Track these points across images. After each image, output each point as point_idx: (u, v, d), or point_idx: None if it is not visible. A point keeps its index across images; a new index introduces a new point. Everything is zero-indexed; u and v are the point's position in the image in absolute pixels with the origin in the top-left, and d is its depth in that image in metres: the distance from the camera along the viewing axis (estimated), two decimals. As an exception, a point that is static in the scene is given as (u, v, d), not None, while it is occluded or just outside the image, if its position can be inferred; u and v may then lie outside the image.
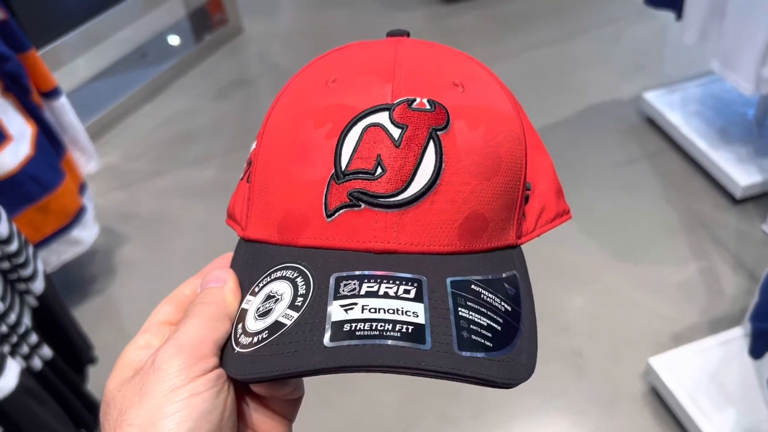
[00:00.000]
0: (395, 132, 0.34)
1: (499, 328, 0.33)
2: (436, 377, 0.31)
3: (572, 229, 1.70)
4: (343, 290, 0.32)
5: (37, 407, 0.91)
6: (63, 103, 1.47)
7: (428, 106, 0.35)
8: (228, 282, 0.36)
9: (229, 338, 0.34)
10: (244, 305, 0.35)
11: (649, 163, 1.87)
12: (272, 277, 0.35)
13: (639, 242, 1.66)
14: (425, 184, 0.34)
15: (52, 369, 1.02)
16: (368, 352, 0.30)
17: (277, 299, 0.33)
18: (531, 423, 1.33)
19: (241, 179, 0.41)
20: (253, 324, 0.33)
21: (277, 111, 0.40)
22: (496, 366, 0.31)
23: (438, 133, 0.34)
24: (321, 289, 0.33)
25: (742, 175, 1.68)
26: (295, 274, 0.34)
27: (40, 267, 1.09)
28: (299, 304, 0.33)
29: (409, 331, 0.31)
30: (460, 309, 0.32)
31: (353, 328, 0.31)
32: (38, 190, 1.38)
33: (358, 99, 0.36)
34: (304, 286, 0.33)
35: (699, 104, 1.92)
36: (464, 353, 0.31)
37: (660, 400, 1.32)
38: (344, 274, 0.33)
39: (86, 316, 1.55)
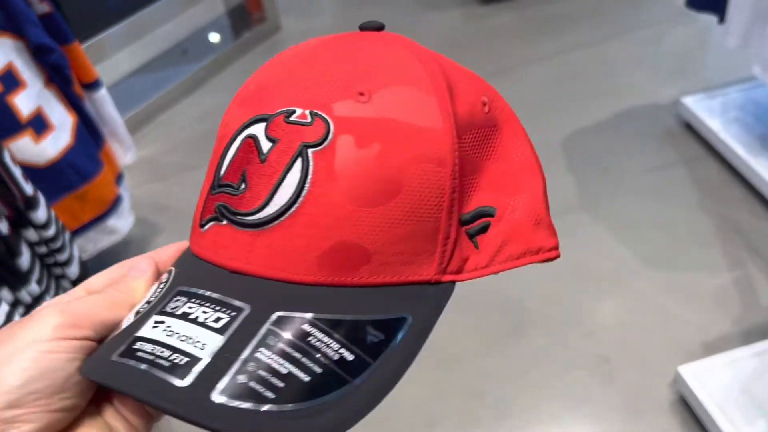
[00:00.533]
0: (265, 146, 0.32)
1: (305, 378, 0.28)
2: (182, 419, 0.27)
3: (603, 233, 1.67)
4: (170, 306, 0.32)
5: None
6: (103, 95, 1.51)
7: (308, 119, 0.32)
8: (145, 274, 0.36)
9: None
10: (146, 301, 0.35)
11: (685, 169, 1.84)
12: (154, 294, 0.35)
13: (672, 249, 1.63)
14: (282, 206, 0.31)
15: (83, 352, 1.05)
16: (127, 377, 0.29)
17: (149, 301, 0.34)
18: (555, 429, 1.32)
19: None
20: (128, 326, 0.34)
21: (225, 119, 0.39)
22: (270, 421, 0.27)
23: (309, 150, 0.31)
24: (161, 301, 0.33)
25: (781, 184, 1.64)
26: (164, 279, 0.35)
27: (76, 253, 1.12)
28: (141, 310, 0.33)
29: (180, 363, 0.28)
30: (260, 349, 0.28)
31: (137, 347, 0.30)
32: (77, 179, 1.42)
33: (258, 106, 0.34)
34: (155, 295, 0.34)
35: (739, 110, 1.88)
36: (225, 400, 0.27)
37: (688, 410, 1.30)
38: (184, 289, 0.32)
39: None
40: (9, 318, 0.85)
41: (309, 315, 0.30)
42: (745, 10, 1.55)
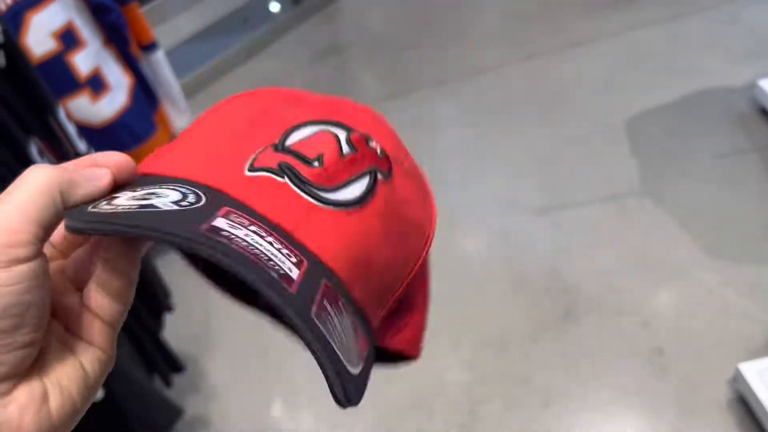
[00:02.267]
0: (345, 148, 0.35)
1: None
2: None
3: (666, 220, 1.60)
4: (231, 219, 0.30)
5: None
6: (160, 57, 1.51)
7: (379, 153, 0.36)
8: (103, 180, 0.31)
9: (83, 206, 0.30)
10: (115, 194, 0.31)
11: (757, 156, 1.73)
12: (161, 186, 0.32)
13: (737, 239, 1.54)
14: (344, 201, 0.33)
15: (129, 312, 1.06)
16: (242, 258, 0.27)
17: (159, 195, 0.30)
18: (601, 417, 1.28)
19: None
20: (123, 202, 0.30)
21: (236, 104, 0.39)
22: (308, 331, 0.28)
23: (378, 174, 0.35)
24: (211, 205, 0.30)
25: None
26: (188, 190, 0.31)
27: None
28: (184, 205, 0.29)
29: (280, 274, 0.28)
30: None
31: (228, 236, 0.28)
32: (131, 140, 1.43)
33: (320, 113, 0.37)
34: (193, 197, 0.30)
35: (821, 96, 1.76)
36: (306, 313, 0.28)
37: (747, 410, 1.23)
38: (235, 210, 0.30)
39: (168, 267, 1.61)
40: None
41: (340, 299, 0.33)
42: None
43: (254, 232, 0.29)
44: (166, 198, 0.30)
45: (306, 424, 1.35)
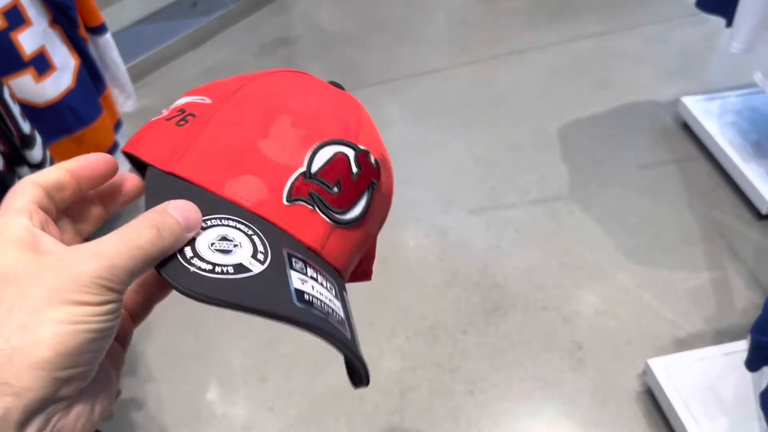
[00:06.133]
0: (354, 169, 0.41)
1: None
2: (355, 362, 0.37)
3: (591, 223, 1.70)
4: (295, 265, 0.36)
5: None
6: (108, 39, 1.51)
7: (374, 164, 0.43)
8: (193, 229, 0.34)
9: (171, 256, 0.33)
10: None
11: (677, 168, 1.86)
12: (224, 222, 0.36)
13: (656, 245, 1.66)
14: (354, 217, 0.41)
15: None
16: (324, 324, 0.35)
17: (236, 245, 0.35)
18: (522, 407, 1.36)
19: (164, 119, 0.42)
20: (210, 255, 0.33)
21: (251, 89, 0.44)
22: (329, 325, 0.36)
23: (374, 186, 0.42)
24: (277, 256, 0.36)
25: (770, 192, 1.67)
26: (251, 232, 0.36)
27: (69, 194, 1.13)
28: (261, 258, 0.35)
29: (339, 320, 0.37)
30: (351, 318, 0.40)
31: (311, 300, 0.35)
32: (76, 122, 1.43)
33: (330, 128, 0.42)
34: (261, 246, 0.36)
35: (737, 115, 1.90)
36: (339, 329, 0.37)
37: (653, 402, 1.34)
38: (293, 252, 0.37)
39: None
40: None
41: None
42: (753, 16, 1.56)
43: (312, 278, 0.37)
44: (243, 251, 0.35)
45: (240, 408, 1.38)
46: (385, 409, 1.36)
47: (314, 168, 0.40)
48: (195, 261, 0.33)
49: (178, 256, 0.33)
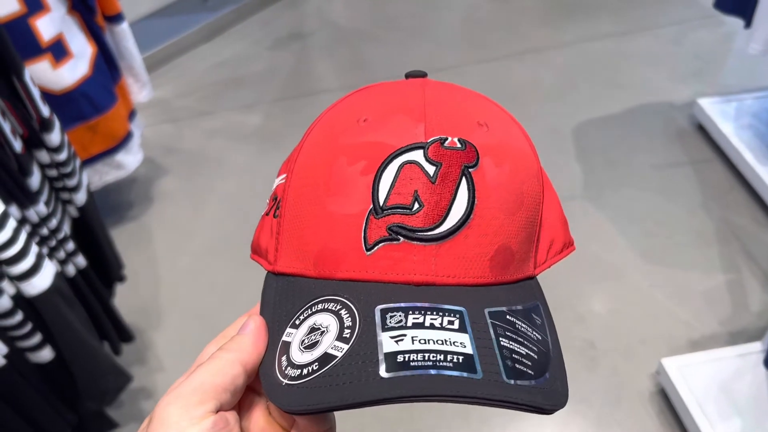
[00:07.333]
0: (430, 169, 0.35)
1: (535, 356, 0.34)
2: (490, 405, 0.31)
3: (605, 224, 1.69)
4: (390, 322, 0.33)
5: (66, 309, 0.95)
6: (124, 28, 1.51)
7: (459, 145, 0.36)
8: (249, 327, 0.36)
9: (271, 371, 0.34)
10: (285, 338, 0.35)
11: (692, 170, 1.85)
12: (314, 310, 0.35)
13: (670, 246, 1.65)
14: (460, 219, 0.35)
15: (83, 278, 1.07)
16: (426, 382, 0.30)
17: (323, 331, 0.34)
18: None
19: (266, 214, 0.42)
20: (299, 356, 0.33)
21: (307, 147, 0.40)
22: (540, 393, 0.32)
23: (469, 170, 0.36)
24: (367, 321, 0.33)
25: (786, 194, 1.66)
26: (338, 307, 0.34)
27: (85, 180, 1.13)
28: (347, 335, 0.33)
29: (460, 361, 0.31)
30: (501, 339, 0.33)
31: (407, 359, 0.31)
32: (90, 110, 1.43)
33: (392, 137, 0.37)
34: (349, 318, 0.33)
35: (753, 117, 1.88)
36: (512, 381, 0.32)
37: (667, 402, 1.32)
38: (388, 306, 0.33)
39: (120, 239, 1.61)
40: (16, 234, 0.86)
41: (504, 308, 0.35)
42: (773, 16, 1.55)
43: (416, 324, 0.32)
44: (329, 336, 0.33)
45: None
46: (395, 406, 1.35)
47: (381, 198, 0.35)
48: (288, 371, 0.33)
49: (276, 371, 0.34)
